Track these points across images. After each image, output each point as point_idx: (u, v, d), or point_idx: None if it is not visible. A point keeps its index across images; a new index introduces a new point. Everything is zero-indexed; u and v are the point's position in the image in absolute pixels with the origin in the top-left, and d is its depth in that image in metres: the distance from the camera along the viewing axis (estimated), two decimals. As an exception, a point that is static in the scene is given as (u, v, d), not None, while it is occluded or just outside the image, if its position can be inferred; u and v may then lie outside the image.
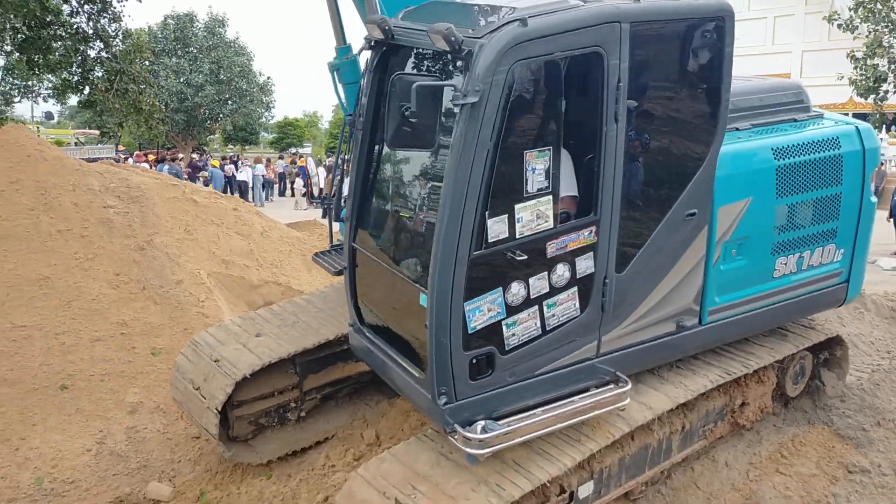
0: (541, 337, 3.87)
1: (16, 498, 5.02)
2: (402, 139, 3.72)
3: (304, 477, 5.10)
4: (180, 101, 32.09)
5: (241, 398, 5.04)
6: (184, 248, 7.73)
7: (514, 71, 3.48)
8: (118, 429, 5.62)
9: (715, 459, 5.06)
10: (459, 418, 3.74)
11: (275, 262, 8.57)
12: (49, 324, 6.32)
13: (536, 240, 3.72)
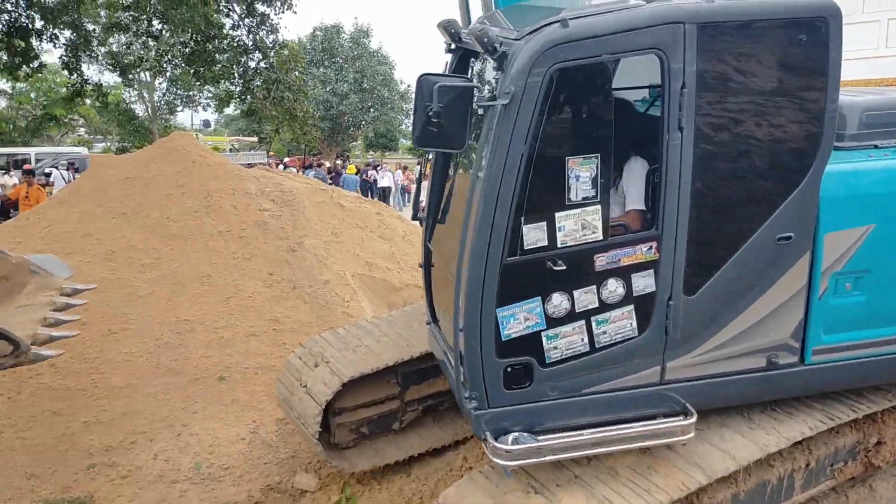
0: (589, 354, 3.67)
1: (177, 480, 5.39)
2: (428, 139, 3.51)
3: (441, 477, 5.17)
4: (326, 109, 33.47)
5: (343, 405, 5.09)
6: (331, 250, 8.05)
7: (553, 74, 3.32)
8: (269, 420, 5.92)
9: (873, 489, 4.69)
10: (494, 427, 3.64)
11: (415, 265, 8.76)
12: (209, 318, 6.75)
13: (581, 251, 3.53)
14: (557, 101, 3.43)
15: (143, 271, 7.03)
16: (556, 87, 3.37)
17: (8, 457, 5.48)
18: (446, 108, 3.32)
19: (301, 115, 15.46)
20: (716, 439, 3.91)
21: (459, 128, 3.41)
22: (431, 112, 3.33)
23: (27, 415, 5.79)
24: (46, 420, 5.76)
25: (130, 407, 5.93)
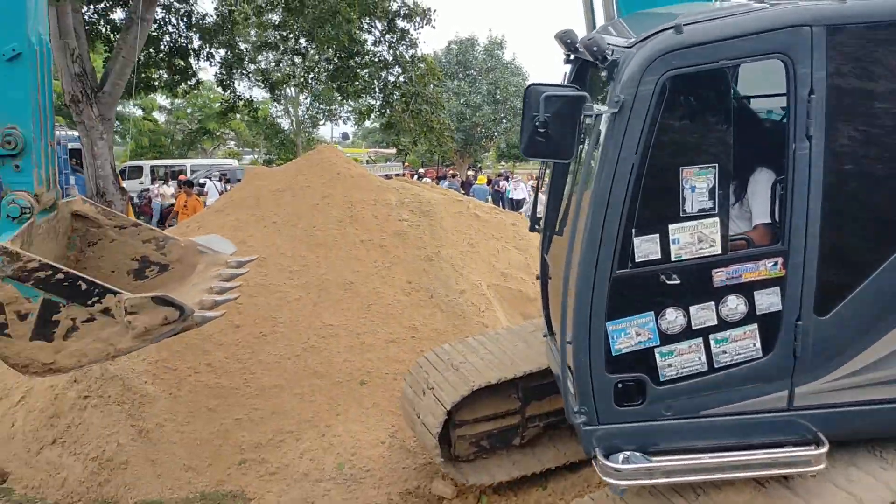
0: (707, 374, 3.49)
1: (321, 479, 5.60)
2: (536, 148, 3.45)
3: (578, 492, 5.09)
4: (459, 120, 33.92)
5: (464, 418, 5.08)
6: (467, 260, 8.14)
7: (666, 82, 3.23)
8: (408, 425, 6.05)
9: None
10: (605, 444, 3.53)
11: (551, 277, 8.71)
12: (352, 324, 6.99)
13: (698, 265, 3.39)
14: (670, 109, 3.34)
15: (292, 277, 7.37)
16: (670, 96, 3.29)
17: (169, 449, 5.88)
18: (554, 117, 3.29)
19: (438, 127, 15.78)
20: (841, 479, 3.57)
21: (567, 137, 3.37)
22: (538, 122, 3.30)
23: (186, 410, 6.20)
24: (203, 416, 6.14)
25: (279, 406, 6.23)
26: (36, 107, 4.10)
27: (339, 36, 13.71)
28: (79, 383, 6.09)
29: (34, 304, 3.83)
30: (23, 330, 3.85)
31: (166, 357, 6.43)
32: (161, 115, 39.65)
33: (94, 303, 3.85)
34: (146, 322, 3.80)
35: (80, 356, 3.92)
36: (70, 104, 12.46)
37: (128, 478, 5.60)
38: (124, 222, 5.07)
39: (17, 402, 6.28)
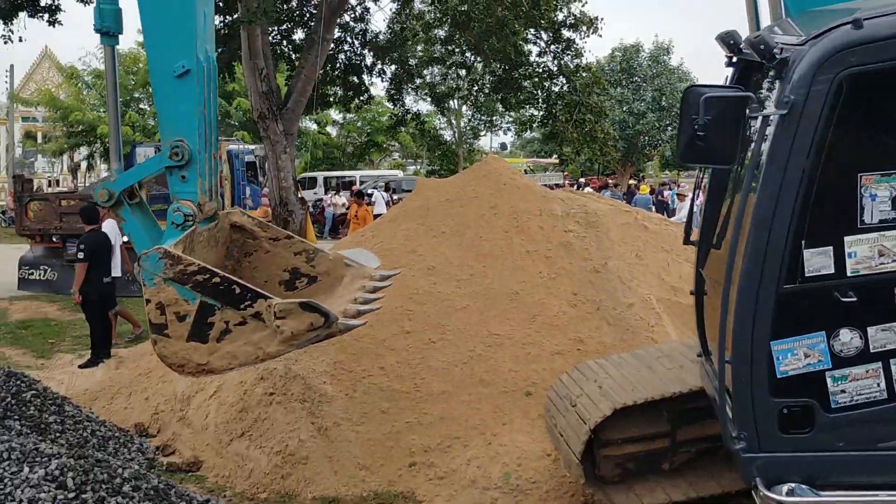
0: (887, 402, 3.18)
1: (489, 487, 5.67)
2: (694, 154, 3.24)
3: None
4: (622, 129, 33.30)
5: (609, 437, 4.83)
6: (634, 272, 7.95)
7: (843, 81, 2.97)
8: (574, 439, 5.99)
9: None
10: (767, 474, 3.25)
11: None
12: (517, 334, 7.03)
13: (879, 282, 3.10)
14: (848, 111, 3.09)
15: (459, 286, 7.53)
16: (847, 96, 3.05)
17: (345, 448, 6.17)
18: (714, 120, 3.09)
19: (601, 137, 15.60)
20: None
21: (728, 142, 3.16)
22: (698, 125, 3.12)
23: (360, 411, 6.48)
24: (376, 417, 6.40)
25: (447, 412, 6.37)
26: (201, 121, 4.29)
27: (505, 48, 13.90)
28: (265, 381, 6.53)
29: (192, 306, 4.03)
30: (181, 331, 4.07)
31: (343, 359, 6.76)
32: (333, 128, 41.81)
33: (247, 307, 4.00)
34: (293, 327, 3.92)
35: (231, 358, 4.09)
36: (257, 120, 13.46)
37: (307, 472, 5.93)
38: (278, 234, 5.29)
39: (211, 396, 6.83)
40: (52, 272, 14.06)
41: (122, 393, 7.64)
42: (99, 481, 3.90)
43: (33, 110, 42.88)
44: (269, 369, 6.48)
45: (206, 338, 4.05)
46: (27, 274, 14.23)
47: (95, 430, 6.05)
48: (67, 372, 9.05)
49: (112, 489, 3.90)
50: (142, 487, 4.07)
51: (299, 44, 16.04)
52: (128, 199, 4.48)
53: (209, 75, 4.32)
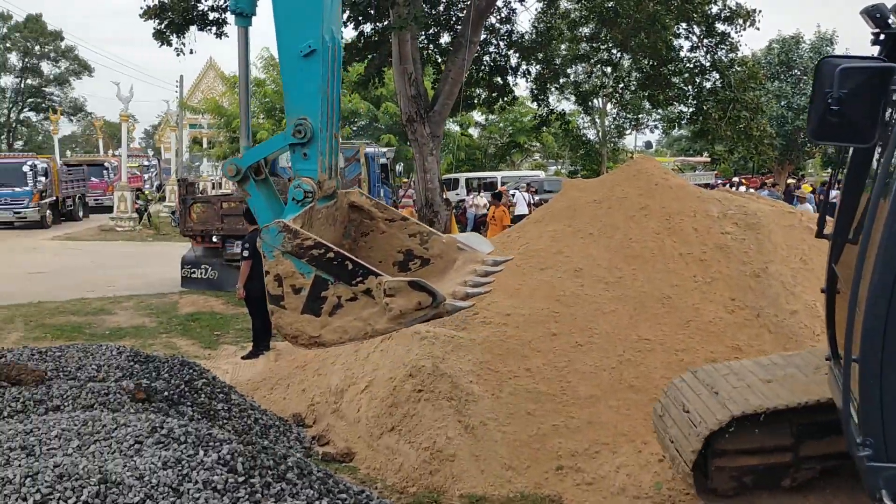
0: None
1: (639, 496, 5.52)
2: (828, 132, 2.96)
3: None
4: (780, 125, 31.49)
5: (724, 447, 4.50)
6: (799, 277, 7.48)
7: None
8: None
9: None
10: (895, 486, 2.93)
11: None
12: (669, 340, 6.80)
13: None
14: None
15: (608, 289, 7.38)
16: None
17: (491, 447, 6.20)
18: (851, 94, 2.81)
19: (757, 135, 14.80)
20: None
21: (867, 118, 2.87)
22: (832, 99, 2.83)
23: (506, 412, 6.49)
24: (522, 418, 6.38)
25: (595, 417, 6.26)
26: (324, 100, 4.35)
27: (655, 44, 13.48)
28: (413, 378, 6.67)
29: (307, 280, 4.11)
30: (296, 303, 4.16)
31: (489, 360, 6.80)
32: (475, 130, 42.23)
33: (358, 283, 4.04)
34: (402, 305, 3.91)
35: (341, 333, 4.14)
36: (406, 123, 13.81)
37: (455, 470, 6.01)
38: (394, 216, 5.28)
39: (363, 390, 7.06)
40: (212, 271, 14.78)
41: (280, 384, 8.06)
42: (266, 467, 4.13)
43: (200, 118, 46.19)
44: (418, 367, 6.62)
45: (319, 311, 4.14)
46: (189, 273, 15.04)
47: (258, 419, 6.41)
48: (231, 362, 9.67)
49: (277, 475, 4.11)
50: (305, 475, 4.27)
51: (446, 47, 16.30)
52: (254, 175, 4.61)
53: (334, 56, 4.41)
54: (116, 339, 10.73)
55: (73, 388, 5.50)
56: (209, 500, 3.71)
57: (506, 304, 7.42)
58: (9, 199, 29.06)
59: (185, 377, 6.41)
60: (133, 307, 13.53)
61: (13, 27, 61.99)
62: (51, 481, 3.75)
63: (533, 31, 16.86)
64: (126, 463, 3.94)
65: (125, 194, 29.64)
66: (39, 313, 12.92)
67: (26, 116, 66.39)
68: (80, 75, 65.56)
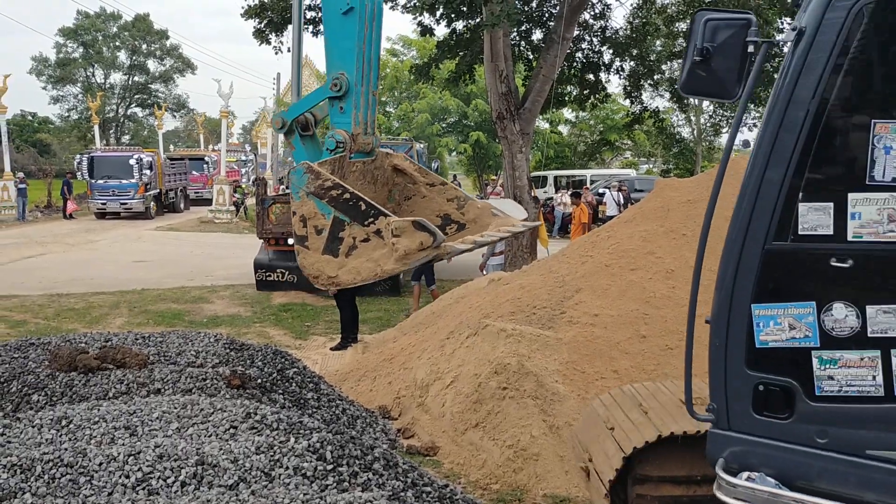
0: (883, 402, 2.66)
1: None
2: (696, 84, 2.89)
3: None
4: None
5: (647, 473, 4.13)
6: None
7: (865, 9, 2.54)
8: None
9: None
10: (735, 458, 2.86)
11: None
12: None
13: (885, 253, 2.62)
14: (866, 45, 2.62)
15: (701, 292, 7.16)
16: (866, 28, 2.59)
17: (576, 447, 6.13)
18: (718, 47, 2.76)
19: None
20: None
21: (731, 72, 2.78)
22: (697, 51, 2.80)
23: (593, 413, 6.40)
24: (609, 421, 6.28)
25: (684, 423, 6.10)
26: (360, 56, 4.57)
27: (756, 39, 12.98)
28: (499, 375, 6.66)
29: (327, 220, 4.38)
30: (318, 243, 4.42)
31: (576, 360, 6.73)
32: (565, 127, 41.78)
33: (370, 223, 4.25)
34: (406, 245, 4.09)
35: (355, 273, 4.35)
36: (496, 121, 13.79)
37: (538, 469, 5.97)
38: (434, 181, 5.48)
39: (448, 385, 7.11)
40: (290, 275, 13.87)
41: (367, 376, 8.20)
42: (353, 456, 4.22)
43: (295, 114, 47.41)
44: (504, 364, 6.61)
45: (337, 252, 4.38)
46: (264, 276, 14.24)
47: (346, 409, 6.55)
48: (321, 353, 9.91)
49: (364, 465, 4.19)
50: (391, 466, 4.34)
51: (538, 44, 16.18)
52: (301, 129, 4.93)
53: (373, 15, 4.64)
54: (213, 327, 11.17)
55: (173, 373, 5.76)
56: (299, 486, 3.81)
57: (594, 304, 7.33)
58: (116, 190, 30.70)
59: (278, 366, 6.61)
60: (229, 297, 14.06)
61: (122, 26, 65.32)
62: (152, 460, 3.94)
63: (627, 27, 16.54)
64: (222, 446, 4.10)
65: (223, 188, 30.81)
66: (143, 300, 13.59)
67: (133, 112, 69.93)
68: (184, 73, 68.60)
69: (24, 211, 29.84)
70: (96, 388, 5.51)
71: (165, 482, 3.83)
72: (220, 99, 32.20)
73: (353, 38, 4.61)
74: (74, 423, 4.58)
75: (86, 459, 3.95)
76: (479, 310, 8.29)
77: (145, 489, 3.79)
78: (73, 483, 3.81)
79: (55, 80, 64.42)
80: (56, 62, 64.30)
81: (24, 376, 5.71)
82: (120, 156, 31.72)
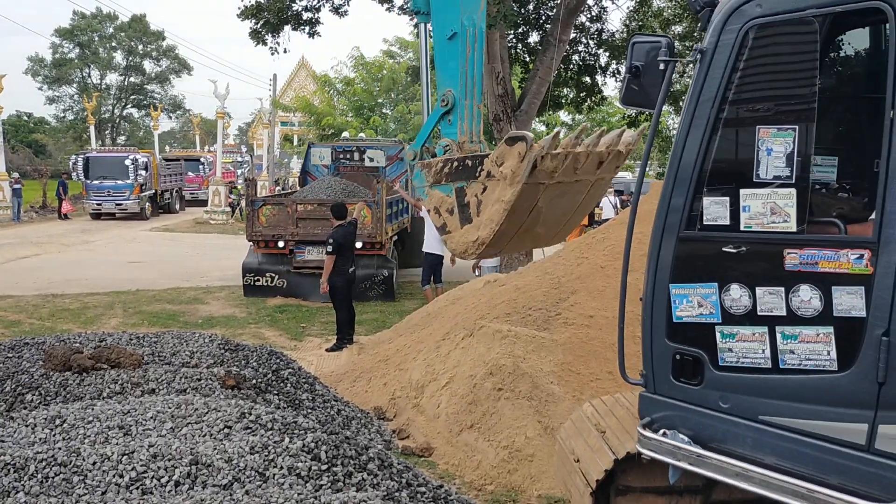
0: (770, 372, 3.06)
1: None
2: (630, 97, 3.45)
3: None
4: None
5: (629, 484, 3.98)
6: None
7: (749, 31, 3.02)
8: None
9: None
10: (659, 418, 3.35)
11: None
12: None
13: (768, 241, 3.04)
14: (752, 61, 3.09)
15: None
16: (752, 46, 3.05)
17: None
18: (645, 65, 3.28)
19: None
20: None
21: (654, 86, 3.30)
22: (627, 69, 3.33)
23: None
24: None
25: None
26: (463, 74, 5.14)
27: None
28: (494, 376, 6.67)
29: (451, 197, 4.69)
30: (455, 223, 4.71)
31: (571, 361, 6.73)
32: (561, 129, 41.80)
33: (480, 171, 4.53)
34: (511, 165, 4.36)
35: (490, 223, 4.55)
36: (492, 122, 13.79)
37: (533, 470, 5.98)
38: None
39: (444, 386, 7.11)
40: (280, 279, 13.54)
41: (362, 377, 8.20)
42: (348, 457, 4.22)
43: (291, 115, 47.45)
44: (499, 365, 6.61)
45: (469, 217, 4.65)
46: (253, 281, 13.71)
47: (340, 410, 6.55)
48: (316, 354, 9.90)
49: (359, 465, 4.19)
50: (385, 466, 4.33)
51: (534, 46, 16.21)
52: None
53: (473, 38, 5.16)
54: (208, 328, 11.16)
55: (167, 373, 5.75)
56: (293, 486, 3.81)
57: (589, 306, 7.34)
58: (111, 191, 30.66)
59: (273, 366, 6.60)
60: (224, 297, 14.04)
61: (119, 27, 65.29)
62: (145, 460, 3.94)
63: (624, 30, 16.58)
64: (216, 446, 4.09)
65: (219, 189, 30.80)
66: (137, 300, 13.56)
67: (129, 112, 69.93)
68: (180, 73, 68.60)
69: (20, 211, 29.77)
70: (90, 387, 5.50)
71: (159, 482, 3.82)
72: (216, 100, 32.17)
73: (456, 58, 5.13)
74: (68, 422, 4.57)
75: (80, 459, 3.94)
76: (475, 311, 8.29)
77: (139, 488, 3.78)
78: (67, 482, 3.80)
79: (51, 80, 64.38)
80: (52, 62, 64.26)
81: (19, 376, 5.70)
82: (115, 156, 31.67)
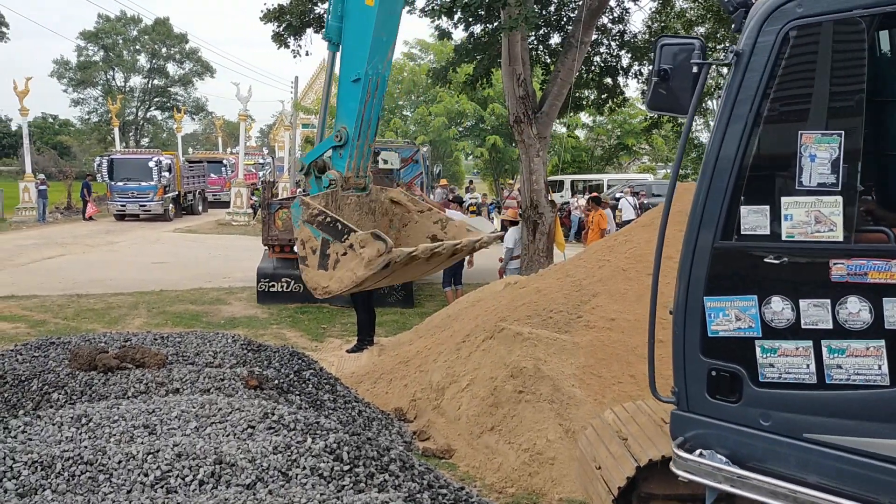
0: (816, 388, 2.91)
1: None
2: (658, 102, 3.27)
3: None
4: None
5: (652, 490, 4.06)
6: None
7: (789, 33, 2.89)
8: None
9: None
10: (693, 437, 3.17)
11: None
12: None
13: (813, 251, 2.91)
14: (792, 64, 2.97)
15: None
16: (792, 49, 2.93)
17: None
18: (674, 69, 3.14)
19: None
20: None
21: (684, 90, 3.15)
22: (656, 72, 3.18)
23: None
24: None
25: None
26: (359, 116, 5.55)
27: (776, 44, 12.91)
28: (515, 378, 6.66)
29: (317, 241, 5.18)
30: (314, 261, 5.21)
31: (593, 364, 6.70)
32: (581, 131, 41.69)
33: (345, 240, 5.00)
34: (369, 253, 4.83)
35: (339, 282, 5.06)
36: (513, 124, 13.78)
37: (554, 473, 5.95)
38: (423, 207, 6.37)
39: (464, 388, 7.11)
40: (296, 284, 12.96)
41: (383, 378, 8.21)
42: (370, 458, 4.23)
43: (312, 117, 47.69)
44: (520, 368, 6.60)
45: (327, 266, 5.14)
46: (267, 286, 13.38)
47: (361, 411, 6.56)
48: (337, 355, 9.93)
49: (381, 466, 4.20)
50: (407, 468, 4.34)
51: (556, 48, 16.16)
52: (317, 172, 5.75)
53: (374, 85, 5.57)
54: (231, 328, 11.24)
55: (191, 373, 5.80)
56: (316, 486, 3.83)
57: (611, 309, 7.30)
58: (135, 192, 30.98)
59: (295, 367, 6.63)
60: (246, 298, 14.13)
61: (142, 30, 65.98)
62: (170, 459, 3.97)
63: (646, 31, 16.49)
64: (239, 445, 4.12)
65: (241, 190, 31.00)
66: (161, 301, 13.69)
67: (152, 115, 70.59)
68: (203, 76, 69.17)
69: (45, 212, 30.16)
70: (115, 387, 5.56)
71: (184, 481, 3.85)
72: (238, 102, 32.38)
73: (356, 101, 5.55)
74: (94, 421, 4.62)
75: (105, 457, 3.98)
76: (496, 313, 8.28)
77: (164, 487, 3.82)
78: (93, 481, 3.84)
79: (76, 83, 65.16)
80: (77, 65, 65.06)
81: (45, 375, 5.77)
82: (139, 158, 32.00)
